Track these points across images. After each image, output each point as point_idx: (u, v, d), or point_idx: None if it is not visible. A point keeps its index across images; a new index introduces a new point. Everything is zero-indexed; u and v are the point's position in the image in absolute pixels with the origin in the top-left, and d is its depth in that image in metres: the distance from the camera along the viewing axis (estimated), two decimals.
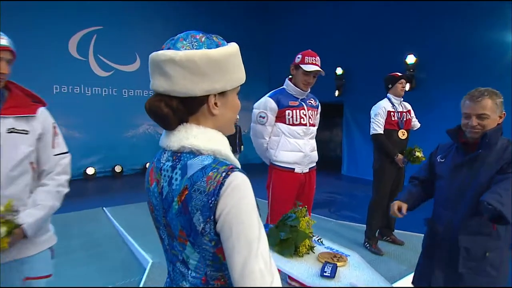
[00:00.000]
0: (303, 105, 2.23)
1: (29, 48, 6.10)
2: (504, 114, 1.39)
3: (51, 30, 6.31)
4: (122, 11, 7.04)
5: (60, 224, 3.75)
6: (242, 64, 0.77)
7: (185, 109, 0.72)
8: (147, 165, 7.35)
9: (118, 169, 7.09)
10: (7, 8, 5.80)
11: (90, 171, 6.76)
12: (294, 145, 2.18)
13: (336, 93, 7.18)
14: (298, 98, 2.22)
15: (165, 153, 0.76)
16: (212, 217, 0.65)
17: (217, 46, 0.72)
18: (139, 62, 7.41)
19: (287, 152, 2.18)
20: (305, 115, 2.22)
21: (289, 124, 2.18)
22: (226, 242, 0.64)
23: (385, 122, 2.89)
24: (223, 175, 0.65)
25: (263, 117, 2.18)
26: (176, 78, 0.68)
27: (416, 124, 3.17)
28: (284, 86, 2.28)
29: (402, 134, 2.93)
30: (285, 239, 1.29)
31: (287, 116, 2.17)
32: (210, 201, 0.64)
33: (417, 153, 2.88)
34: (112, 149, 7.05)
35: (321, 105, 2.38)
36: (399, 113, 2.95)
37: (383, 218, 3.01)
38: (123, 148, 7.18)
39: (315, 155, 2.31)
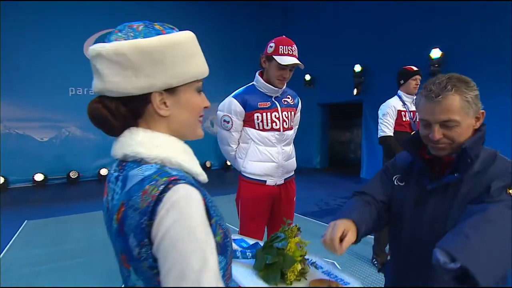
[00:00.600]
0: (276, 106, 1.86)
1: (45, 50, 6.23)
2: (483, 113, 0.93)
3: (67, 32, 6.40)
4: (139, 13, 7.04)
5: (79, 224, 3.81)
6: (199, 56, 0.67)
7: (128, 111, 0.63)
8: None
9: None
10: (23, 10, 5.92)
11: (104, 172, 6.79)
12: (265, 155, 1.84)
13: (355, 91, 6.82)
14: (270, 97, 1.86)
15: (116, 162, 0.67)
16: (145, 240, 0.54)
17: (158, 35, 0.62)
18: None
19: (256, 163, 1.85)
20: (277, 118, 1.85)
21: (259, 130, 1.84)
22: (160, 273, 0.52)
23: (395, 123, 2.56)
24: (161, 188, 0.54)
25: (228, 122, 1.85)
26: (107, 75, 0.60)
27: None
28: (254, 82, 1.90)
29: None
30: (271, 263, 1.07)
31: (256, 120, 1.83)
32: (142, 221, 0.54)
33: None
34: None
35: (338, 105, 2.02)
36: (412, 113, 2.59)
37: None
38: None
39: (291, 164, 1.96)
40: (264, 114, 1.83)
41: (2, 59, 5.83)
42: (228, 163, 7.57)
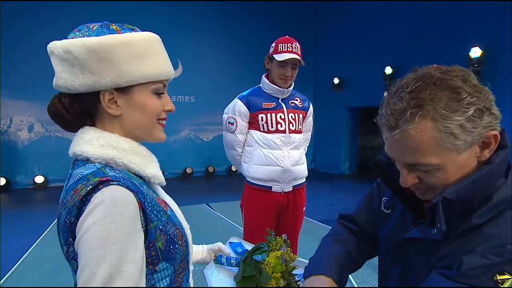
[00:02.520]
0: (281, 107, 1.80)
1: None
2: (496, 136, 0.57)
3: None
4: (165, 19, 7.29)
5: None
6: (156, 57, 0.66)
7: (81, 108, 0.65)
8: (187, 169, 7.61)
9: None
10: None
11: None
12: (270, 158, 1.76)
13: (385, 94, 6.47)
14: (276, 98, 1.81)
15: None
16: (70, 239, 0.56)
17: (111, 34, 0.62)
18: (181, 68, 7.60)
19: (261, 167, 1.77)
20: (283, 119, 1.78)
21: (263, 132, 1.77)
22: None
23: None
24: (89, 188, 0.54)
25: (232, 124, 1.81)
26: (58, 71, 0.63)
27: None
28: (260, 84, 1.87)
29: None
30: (247, 276, 0.98)
31: (260, 122, 1.77)
32: (66, 219, 0.55)
33: None
34: (154, 153, 7.26)
35: (368, 109, 1.88)
36: None
37: None
38: (164, 152, 7.37)
39: (300, 170, 1.85)
40: (269, 114, 1.77)
41: (41, 66, 6.29)
42: (233, 168, 7.50)
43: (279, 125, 1.77)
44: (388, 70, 6.37)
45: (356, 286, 2.53)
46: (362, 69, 7.07)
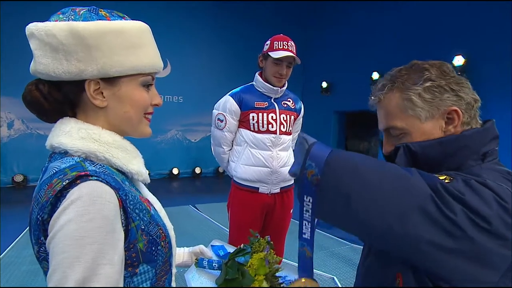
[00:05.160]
0: (273, 107, 1.77)
1: None
2: (455, 111, 0.64)
3: None
4: (154, 18, 7.21)
5: None
6: (147, 49, 0.63)
7: (62, 97, 0.60)
8: (174, 170, 7.51)
9: None
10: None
11: None
12: (258, 158, 1.74)
13: None
14: (269, 98, 1.78)
15: None
16: (42, 238, 0.51)
17: (100, 20, 0.59)
18: (170, 67, 7.52)
19: (249, 167, 1.75)
20: (274, 120, 1.75)
21: (254, 131, 1.74)
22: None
23: None
24: (65, 183, 0.50)
25: (221, 121, 1.77)
26: (38, 56, 0.58)
27: None
28: (253, 82, 1.83)
29: None
30: (229, 279, 0.97)
31: (251, 121, 1.74)
32: (39, 216, 0.51)
33: None
34: (141, 153, 7.17)
35: (356, 113, 1.89)
36: None
37: None
38: (150, 152, 7.26)
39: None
40: (260, 114, 1.74)
41: (26, 62, 6.12)
42: (220, 169, 7.44)
43: (270, 126, 1.75)
44: (375, 75, 6.48)
45: (340, 286, 2.54)
46: (350, 74, 7.16)
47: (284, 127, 1.79)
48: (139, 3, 7.01)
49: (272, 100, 1.79)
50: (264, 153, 1.75)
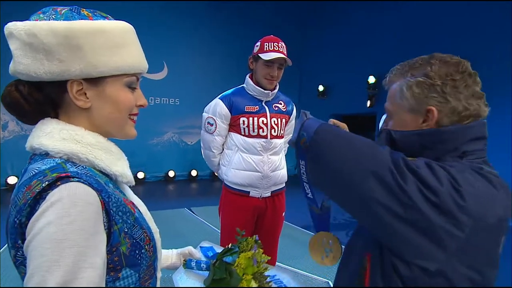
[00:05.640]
0: (264, 111, 1.74)
1: None
2: (431, 111, 0.66)
3: None
4: (150, 20, 7.21)
5: None
6: (131, 49, 0.63)
7: (43, 98, 0.59)
8: (170, 173, 7.48)
9: (140, 175, 7.14)
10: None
11: None
12: (249, 163, 1.72)
13: (368, 103, 6.62)
14: (260, 101, 1.74)
15: None
16: (19, 242, 0.50)
17: (82, 20, 0.58)
18: (167, 70, 7.51)
19: (240, 172, 1.73)
20: (265, 124, 1.72)
21: (244, 135, 1.72)
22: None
23: None
24: (44, 184, 0.49)
25: (211, 124, 1.74)
26: (18, 56, 0.57)
27: None
28: (244, 85, 1.78)
29: None
30: (217, 279, 0.95)
31: (241, 125, 1.71)
32: (16, 219, 0.50)
33: None
34: (136, 156, 7.13)
35: (351, 117, 1.85)
36: None
37: None
38: (146, 155, 7.23)
39: (279, 176, 1.81)
40: (251, 118, 1.71)
41: None
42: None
43: (260, 130, 1.72)
44: (372, 79, 6.51)
45: (332, 286, 2.53)
46: (347, 77, 7.20)
47: (275, 131, 1.76)
48: (136, 5, 7.01)
49: (263, 103, 1.76)
50: (255, 158, 1.73)
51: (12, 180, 6.10)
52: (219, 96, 1.78)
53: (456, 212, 0.54)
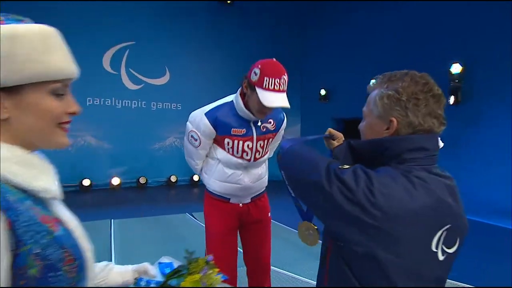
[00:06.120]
0: (251, 134, 1.64)
1: None
2: (393, 122, 0.78)
3: (86, 46, 6.64)
4: (154, 26, 7.25)
5: None
6: (53, 54, 0.59)
7: None
8: (172, 178, 7.46)
9: (142, 180, 7.13)
10: (49, 25, 6.21)
11: (115, 181, 6.86)
12: (231, 176, 1.67)
13: None
14: (248, 122, 1.63)
15: None
16: None
17: None
18: (169, 75, 7.54)
19: (221, 183, 1.69)
20: (250, 148, 1.63)
21: (228, 153, 1.65)
22: None
23: None
24: None
25: (196, 139, 1.65)
26: None
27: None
28: (233, 100, 1.64)
29: None
30: None
31: (225, 145, 1.63)
32: None
33: None
34: (138, 161, 7.13)
35: (354, 121, 1.70)
36: None
37: None
38: (148, 160, 7.23)
39: (260, 185, 1.77)
40: (236, 141, 1.61)
41: None
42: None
43: (245, 154, 1.64)
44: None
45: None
46: (349, 81, 7.18)
47: (259, 154, 1.70)
48: (137, 11, 7.06)
49: (251, 124, 1.65)
50: (237, 172, 1.68)
51: None
52: (204, 112, 1.64)
53: (367, 206, 0.69)
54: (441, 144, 2.72)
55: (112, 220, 4.38)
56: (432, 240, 0.73)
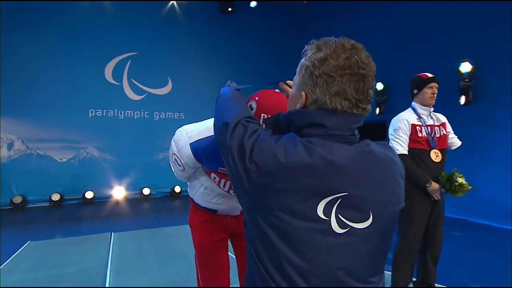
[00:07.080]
0: None
1: (69, 74, 6.50)
2: (303, 96, 0.74)
3: (88, 57, 6.66)
4: (155, 36, 7.26)
5: (80, 247, 3.74)
6: None
7: None
8: (176, 188, 7.34)
9: (146, 191, 7.02)
10: (48, 36, 6.24)
11: (117, 193, 6.76)
12: (216, 198, 1.54)
13: (377, 111, 6.43)
14: None
15: None
16: None
17: None
18: (171, 85, 7.50)
19: (206, 202, 1.56)
20: None
21: (214, 182, 1.49)
22: None
23: (409, 139, 2.15)
24: None
25: (179, 165, 1.46)
26: None
27: (455, 142, 2.30)
28: None
29: (435, 156, 2.13)
30: None
31: (212, 178, 1.47)
32: None
33: (459, 179, 2.05)
34: (142, 171, 7.04)
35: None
36: (429, 128, 2.18)
37: (414, 270, 2.19)
38: (152, 170, 7.14)
39: None
40: (223, 180, 1.45)
41: (26, 81, 6.14)
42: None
43: (231, 191, 1.49)
44: (379, 86, 6.34)
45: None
46: None
47: None
48: (139, 23, 7.08)
49: None
50: (222, 198, 1.55)
51: (17, 199, 6.05)
52: (191, 139, 1.39)
53: (247, 160, 0.70)
54: (458, 143, 2.45)
55: (112, 233, 4.25)
56: (317, 204, 0.66)
